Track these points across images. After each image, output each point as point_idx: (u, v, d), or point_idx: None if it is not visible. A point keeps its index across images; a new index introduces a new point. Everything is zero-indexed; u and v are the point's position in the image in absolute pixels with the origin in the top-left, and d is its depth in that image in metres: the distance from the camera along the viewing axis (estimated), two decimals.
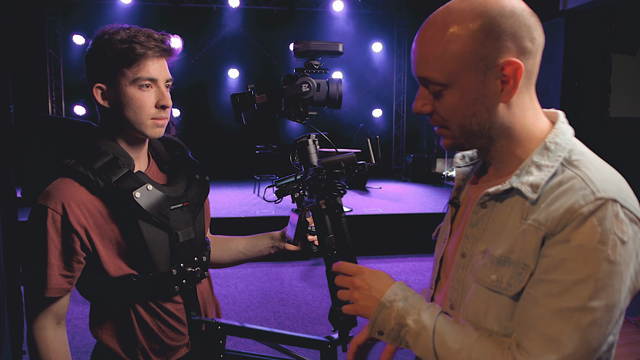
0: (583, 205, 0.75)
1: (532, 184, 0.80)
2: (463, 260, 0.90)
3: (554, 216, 0.76)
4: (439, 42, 0.80)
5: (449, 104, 0.83)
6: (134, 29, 1.17)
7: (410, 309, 0.86)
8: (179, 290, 1.25)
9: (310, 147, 1.16)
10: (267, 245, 1.47)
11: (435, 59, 0.81)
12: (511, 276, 0.80)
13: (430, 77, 0.82)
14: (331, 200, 1.11)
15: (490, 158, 0.90)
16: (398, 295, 0.88)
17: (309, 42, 1.11)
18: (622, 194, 0.77)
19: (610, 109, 5.48)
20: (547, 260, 0.76)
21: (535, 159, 0.83)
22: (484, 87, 0.81)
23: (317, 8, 9.43)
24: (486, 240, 0.86)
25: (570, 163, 0.81)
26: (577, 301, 0.74)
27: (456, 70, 0.80)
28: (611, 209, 0.75)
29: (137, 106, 1.16)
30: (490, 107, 0.82)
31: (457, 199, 1.01)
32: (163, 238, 1.20)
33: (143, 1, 8.82)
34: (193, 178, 1.31)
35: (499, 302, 0.82)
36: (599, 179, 0.78)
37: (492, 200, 0.86)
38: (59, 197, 1.13)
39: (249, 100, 1.13)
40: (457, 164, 1.03)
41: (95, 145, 1.19)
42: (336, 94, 1.15)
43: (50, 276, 1.14)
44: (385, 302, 0.88)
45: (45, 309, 1.18)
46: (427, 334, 0.84)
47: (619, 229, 0.74)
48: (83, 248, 1.16)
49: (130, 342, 1.24)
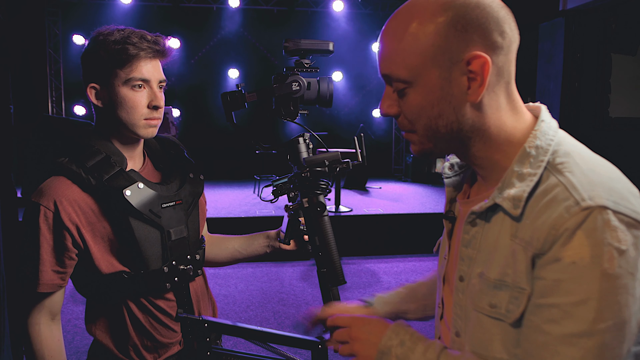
0: (568, 219, 0.67)
1: (514, 198, 0.73)
2: (462, 284, 0.85)
3: (539, 234, 0.70)
4: (402, 36, 0.75)
5: (413, 104, 0.77)
6: (128, 30, 1.18)
7: (409, 353, 0.83)
8: (170, 287, 1.26)
9: (301, 146, 1.16)
10: (262, 245, 1.48)
11: (397, 54, 0.75)
12: (509, 301, 0.74)
13: (393, 73, 0.77)
14: (313, 199, 1.11)
15: (473, 165, 0.84)
16: (394, 340, 0.85)
17: (299, 41, 1.11)
18: (614, 197, 0.68)
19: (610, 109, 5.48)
20: (542, 283, 0.70)
21: (516, 168, 0.75)
22: (449, 85, 0.74)
23: (317, 8, 9.43)
24: (481, 262, 0.80)
25: (555, 167, 0.73)
26: (581, 325, 0.66)
27: (419, 66, 0.74)
28: (600, 218, 0.66)
29: (130, 106, 1.17)
30: (457, 107, 0.75)
31: (451, 212, 0.94)
32: (154, 236, 1.22)
33: (143, 1, 8.82)
34: (187, 177, 1.32)
35: (503, 329, 0.76)
36: (584, 183, 0.70)
37: (480, 219, 0.80)
38: (51, 195, 1.15)
39: (239, 98, 1.13)
40: (446, 175, 0.96)
41: (89, 144, 1.20)
42: (327, 92, 1.14)
43: (42, 272, 1.16)
44: (383, 349, 0.85)
45: (38, 304, 1.20)
46: None
47: (614, 237, 0.66)
48: (75, 245, 1.18)
49: (123, 338, 1.25)
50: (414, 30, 0.74)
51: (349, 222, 5.83)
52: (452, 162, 0.96)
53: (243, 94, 1.13)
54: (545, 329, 0.69)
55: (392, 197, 7.49)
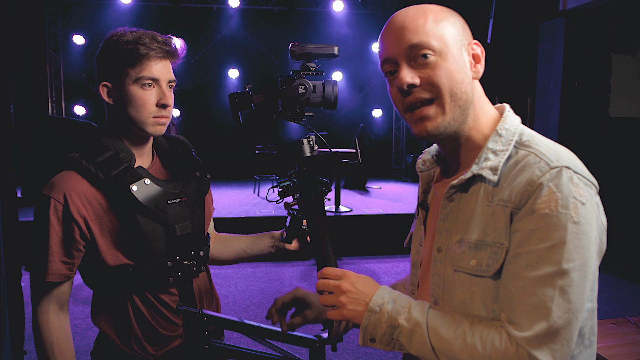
0: (540, 176, 0.81)
1: (492, 167, 0.87)
2: (440, 255, 0.93)
3: (516, 191, 0.83)
4: (427, 16, 0.90)
5: (443, 68, 0.88)
6: (141, 31, 1.23)
7: (400, 309, 0.88)
8: (173, 282, 1.29)
9: (305, 147, 1.17)
10: (267, 244, 1.50)
11: (429, 27, 0.88)
12: (489, 257, 0.84)
13: (422, 41, 0.87)
14: (312, 197, 1.12)
15: (451, 151, 0.96)
16: (386, 298, 0.89)
17: (305, 45, 1.13)
18: (573, 163, 0.84)
19: (610, 109, 5.48)
20: (519, 235, 0.81)
21: (490, 146, 0.90)
22: (463, 59, 0.90)
23: (317, 8, 9.43)
24: (459, 231, 0.90)
25: (522, 144, 0.88)
26: (553, 266, 0.78)
27: (445, 37, 0.89)
28: (565, 174, 0.81)
29: (139, 104, 1.22)
30: (468, 79, 0.91)
31: (425, 202, 1.05)
32: (159, 230, 1.25)
33: (143, 1, 8.82)
34: (193, 175, 1.36)
35: (482, 286, 0.85)
36: (550, 152, 0.84)
37: (458, 192, 0.92)
38: (62, 188, 1.19)
39: (247, 99, 1.15)
40: (419, 169, 1.09)
41: (99, 140, 1.25)
42: (332, 95, 1.17)
43: (51, 262, 1.20)
44: (374, 307, 0.89)
45: (47, 294, 1.24)
46: (421, 329, 0.85)
47: (576, 192, 0.80)
48: (82, 237, 1.22)
49: (126, 330, 1.28)
50: (436, 16, 0.90)
51: (349, 222, 5.83)
52: (424, 159, 1.09)
53: (250, 95, 1.15)
54: (523, 274, 0.80)
55: (392, 197, 7.49)
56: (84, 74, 8.91)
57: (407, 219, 5.99)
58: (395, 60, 0.90)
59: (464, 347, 0.82)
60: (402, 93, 0.90)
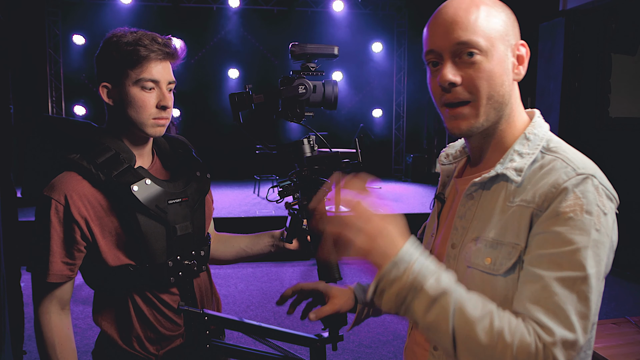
0: (566, 180, 0.81)
1: (517, 168, 0.87)
2: (454, 251, 0.93)
3: (540, 192, 0.82)
4: (478, 13, 0.87)
5: (486, 70, 0.86)
6: (141, 32, 1.23)
7: (427, 272, 0.78)
8: (174, 281, 1.30)
9: (305, 147, 1.17)
10: (267, 244, 1.51)
11: (478, 25, 0.86)
12: (503, 256, 0.84)
13: (471, 40, 0.85)
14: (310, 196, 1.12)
15: (478, 149, 0.96)
16: (414, 256, 0.79)
17: (305, 45, 1.14)
18: (598, 173, 0.84)
19: (610, 109, 5.48)
20: (542, 236, 0.80)
21: (517, 148, 0.90)
22: (507, 61, 0.88)
23: (317, 8, 9.43)
24: (476, 229, 0.90)
25: (549, 150, 0.88)
26: (576, 270, 0.77)
27: (493, 38, 0.86)
28: (591, 182, 0.81)
29: (139, 106, 1.22)
30: (509, 82, 0.89)
31: (442, 194, 1.05)
32: (160, 231, 1.26)
33: (143, 1, 8.82)
34: (194, 175, 1.36)
35: (492, 285, 0.85)
36: (577, 160, 0.85)
37: (479, 190, 0.92)
38: (62, 189, 1.20)
39: (247, 100, 1.15)
40: (441, 162, 1.09)
41: (100, 141, 1.26)
42: (332, 95, 1.17)
43: (52, 263, 1.21)
44: (400, 260, 0.78)
45: (49, 294, 1.24)
46: (446, 300, 0.76)
47: (600, 201, 0.80)
48: (83, 238, 1.22)
49: (127, 329, 1.29)
50: (489, 12, 0.88)
51: None
52: (448, 153, 1.09)
53: (251, 95, 1.15)
54: (545, 274, 0.78)
55: (392, 197, 7.49)
56: (84, 74, 8.91)
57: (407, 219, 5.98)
58: (440, 54, 0.88)
59: (490, 329, 0.74)
60: (442, 88, 0.89)
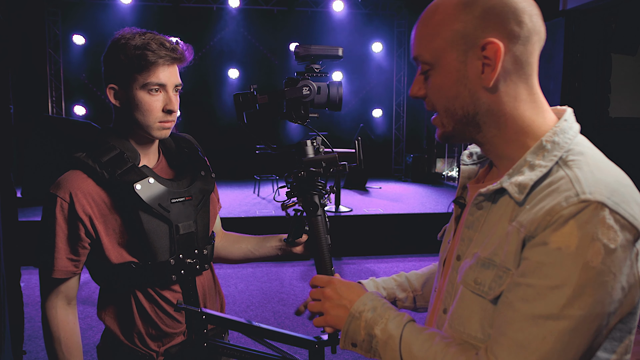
0: (564, 207, 0.70)
1: (520, 184, 0.77)
2: (458, 263, 0.88)
3: (534, 218, 0.73)
4: (428, 22, 0.81)
5: (435, 85, 0.82)
6: (149, 35, 1.24)
7: (378, 318, 0.86)
8: (176, 279, 1.31)
9: (308, 148, 1.17)
10: (274, 246, 1.51)
11: (424, 38, 0.82)
12: (492, 279, 0.77)
13: (419, 55, 0.83)
14: (308, 198, 1.12)
15: (489, 153, 0.87)
16: (367, 306, 0.88)
17: (309, 47, 1.14)
18: (616, 198, 0.70)
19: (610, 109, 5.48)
20: (525, 263, 0.73)
21: (529, 158, 0.78)
22: (465, 68, 0.79)
23: (317, 8, 9.43)
24: (478, 243, 0.83)
25: (565, 163, 0.76)
26: (550, 308, 0.69)
27: (439, 48, 0.80)
28: (596, 212, 0.69)
29: (145, 109, 1.24)
30: (472, 90, 0.80)
31: (462, 198, 0.97)
32: (163, 229, 1.27)
33: (143, 1, 8.82)
34: (198, 174, 1.38)
35: (482, 307, 0.79)
36: (589, 179, 0.72)
37: (487, 201, 0.83)
38: (68, 187, 1.22)
39: (251, 100, 1.15)
40: (463, 162, 0.99)
41: (105, 140, 1.28)
42: (336, 96, 1.17)
43: (57, 259, 1.24)
44: (354, 313, 0.88)
45: (55, 289, 1.28)
46: (394, 343, 0.84)
47: (605, 235, 0.68)
48: (87, 235, 1.25)
49: (129, 326, 1.31)
50: (439, 17, 0.80)
51: (349, 222, 5.83)
52: (472, 151, 0.99)
53: (255, 95, 1.15)
54: (517, 306, 0.72)
55: (392, 197, 7.49)
56: (84, 74, 8.91)
57: (407, 219, 5.99)
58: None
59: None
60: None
